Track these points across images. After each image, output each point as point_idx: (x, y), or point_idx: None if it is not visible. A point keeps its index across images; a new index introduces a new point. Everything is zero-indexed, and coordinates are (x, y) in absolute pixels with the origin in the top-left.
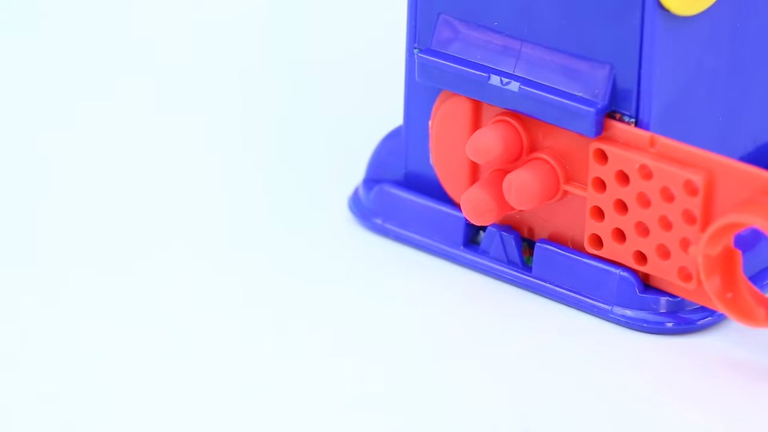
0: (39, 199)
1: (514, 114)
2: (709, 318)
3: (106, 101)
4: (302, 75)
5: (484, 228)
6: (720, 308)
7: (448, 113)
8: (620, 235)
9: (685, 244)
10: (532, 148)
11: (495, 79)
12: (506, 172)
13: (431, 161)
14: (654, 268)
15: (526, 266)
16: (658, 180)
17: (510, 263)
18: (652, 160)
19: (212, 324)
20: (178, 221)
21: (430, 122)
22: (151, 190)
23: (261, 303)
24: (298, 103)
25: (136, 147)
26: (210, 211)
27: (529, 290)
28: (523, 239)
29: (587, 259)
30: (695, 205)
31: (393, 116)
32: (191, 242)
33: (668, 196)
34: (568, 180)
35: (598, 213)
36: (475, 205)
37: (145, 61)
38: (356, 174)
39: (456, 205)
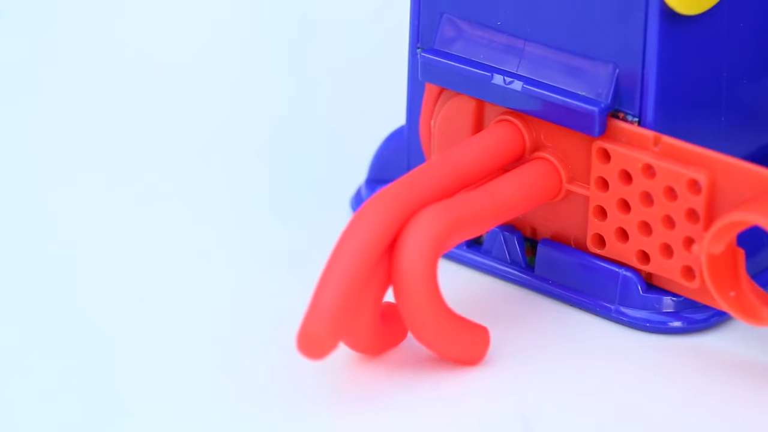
0: (39, 199)
1: (517, 113)
2: (713, 317)
3: (107, 100)
4: (305, 75)
5: None
6: (723, 307)
7: (451, 113)
8: (623, 235)
9: (688, 243)
10: (535, 148)
11: (498, 79)
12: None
13: None
14: (657, 267)
15: (528, 266)
16: (662, 179)
17: (513, 263)
18: (656, 159)
19: (212, 324)
20: (180, 221)
21: (432, 122)
22: (152, 190)
23: (263, 303)
24: (300, 103)
25: (137, 147)
26: (212, 211)
27: (531, 290)
28: (526, 239)
29: (590, 258)
30: (698, 203)
31: (395, 116)
32: (192, 242)
33: (671, 195)
34: (571, 179)
35: (601, 212)
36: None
37: (147, 61)
38: (359, 174)
39: None
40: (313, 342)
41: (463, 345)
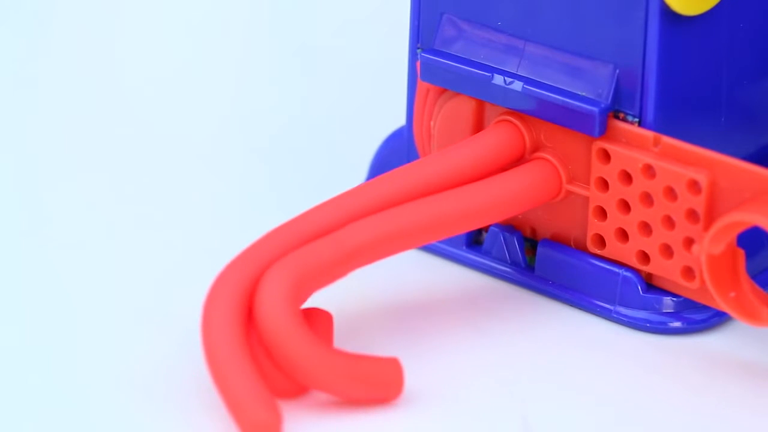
0: (38, 199)
1: (517, 114)
2: (713, 317)
3: (107, 101)
4: (304, 74)
5: (486, 228)
6: (723, 308)
7: (451, 113)
8: (623, 235)
9: (688, 243)
10: (535, 148)
11: (498, 79)
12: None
13: None
14: (657, 267)
15: (528, 266)
16: (662, 179)
17: (513, 263)
18: (656, 159)
19: None
20: (181, 221)
21: (431, 122)
22: (153, 191)
23: None
24: (300, 103)
25: (138, 147)
26: (211, 211)
27: (531, 290)
28: (526, 239)
29: (590, 259)
30: (698, 204)
31: (395, 116)
32: (192, 242)
33: (671, 196)
34: (571, 180)
35: (601, 213)
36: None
37: (147, 62)
38: (359, 174)
39: None
40: (262, 429)
41: (369, 385)
